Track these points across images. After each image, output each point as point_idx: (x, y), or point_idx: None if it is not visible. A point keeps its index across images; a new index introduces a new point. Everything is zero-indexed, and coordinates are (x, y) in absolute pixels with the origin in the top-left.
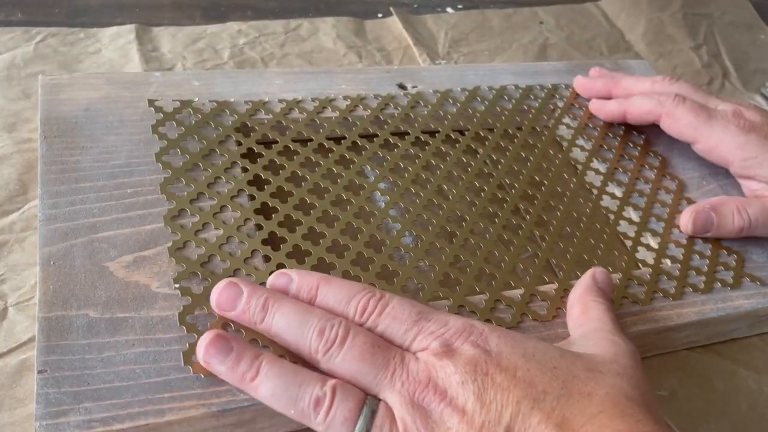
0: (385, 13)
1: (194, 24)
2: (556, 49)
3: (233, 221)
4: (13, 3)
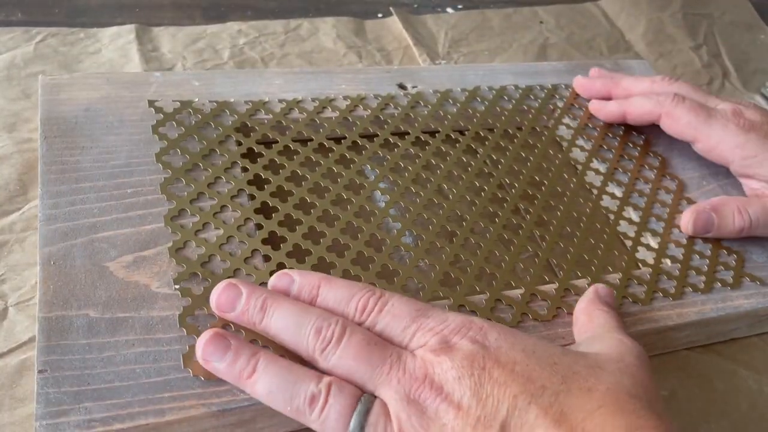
0: (385, 13)
1: (194, 24)
2: (556, 49)
3: (233, 221)
4: (13, 3)
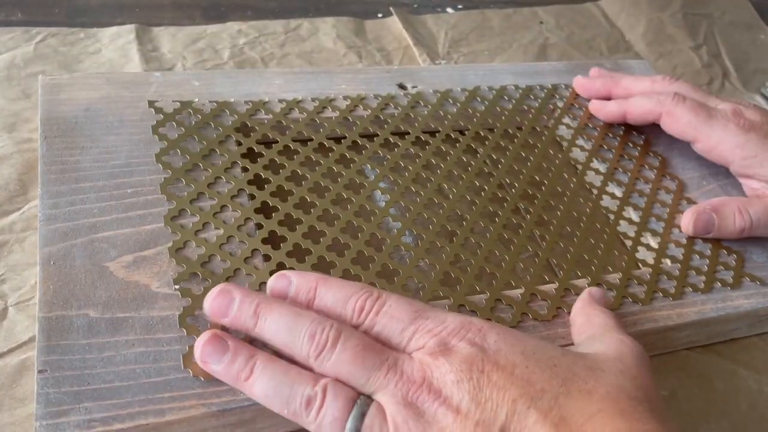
0: (385, 13)
1: (194, 24)
2: (556, 49)
3: (233, 221)
4: (13, 3)
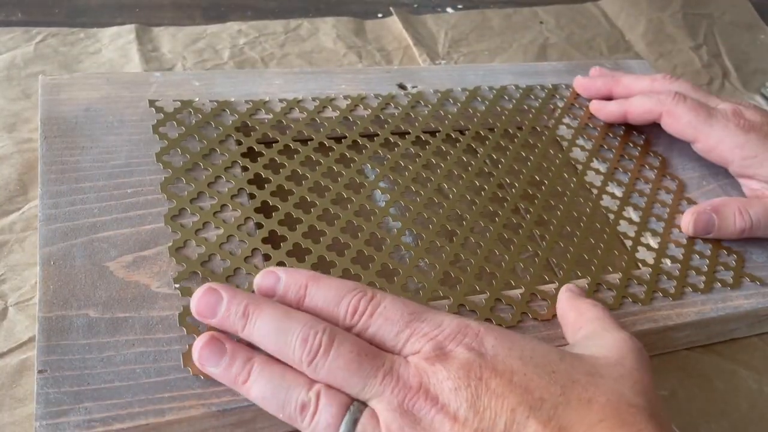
0: (385, 13)
1: (194, 24)
2: (556, 49)
3: (233, 220)
4: (13, 3)
